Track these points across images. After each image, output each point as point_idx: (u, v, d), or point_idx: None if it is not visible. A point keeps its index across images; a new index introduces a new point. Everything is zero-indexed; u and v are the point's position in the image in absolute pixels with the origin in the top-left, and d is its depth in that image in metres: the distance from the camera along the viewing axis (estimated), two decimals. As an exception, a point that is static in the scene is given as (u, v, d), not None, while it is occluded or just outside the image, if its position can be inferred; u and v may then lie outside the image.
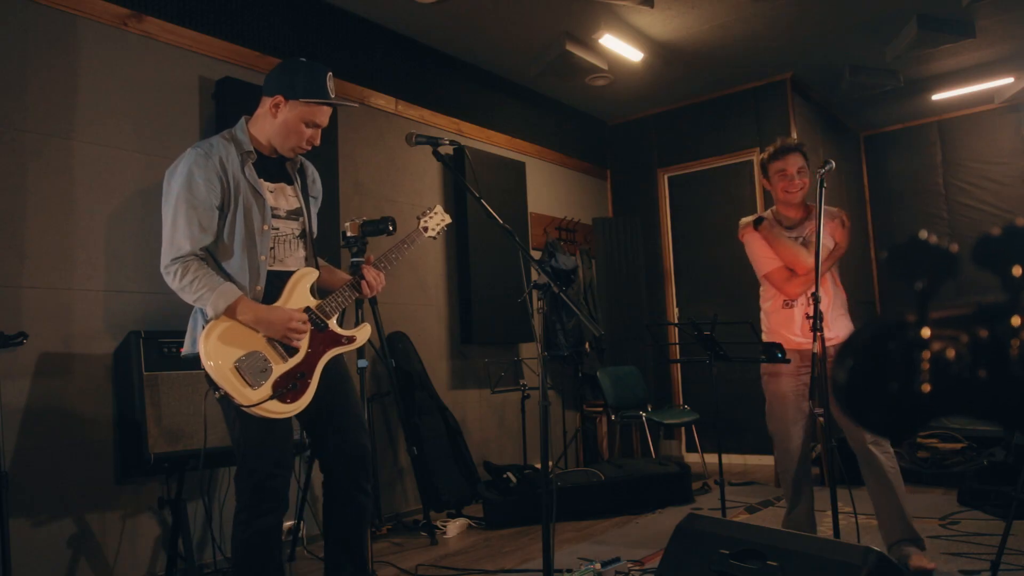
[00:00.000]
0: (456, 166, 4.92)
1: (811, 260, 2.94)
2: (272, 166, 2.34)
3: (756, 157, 6.14)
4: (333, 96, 2.30)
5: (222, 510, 3.46)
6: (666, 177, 6.67)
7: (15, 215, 3.00)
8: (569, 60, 5.03)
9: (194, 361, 2.17)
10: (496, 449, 5.22)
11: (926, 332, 0.33)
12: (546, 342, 5.60)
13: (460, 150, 4.85)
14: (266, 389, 2.13)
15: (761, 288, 3.33)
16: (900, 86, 5.88)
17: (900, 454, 4.40)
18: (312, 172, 2.51)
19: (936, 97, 6.38)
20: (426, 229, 2.64)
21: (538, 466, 4.59)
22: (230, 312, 2.13)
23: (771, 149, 3.14)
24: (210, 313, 2.12)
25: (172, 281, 2.14)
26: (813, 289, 2.95)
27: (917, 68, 5.86)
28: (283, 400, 2.15)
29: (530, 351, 5.46)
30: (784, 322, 3.16)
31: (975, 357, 0.33)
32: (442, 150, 2.53)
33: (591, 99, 6.29)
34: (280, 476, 2.19)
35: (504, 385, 4.93)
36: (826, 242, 2.96)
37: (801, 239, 3.08)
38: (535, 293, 5.38)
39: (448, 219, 2.70)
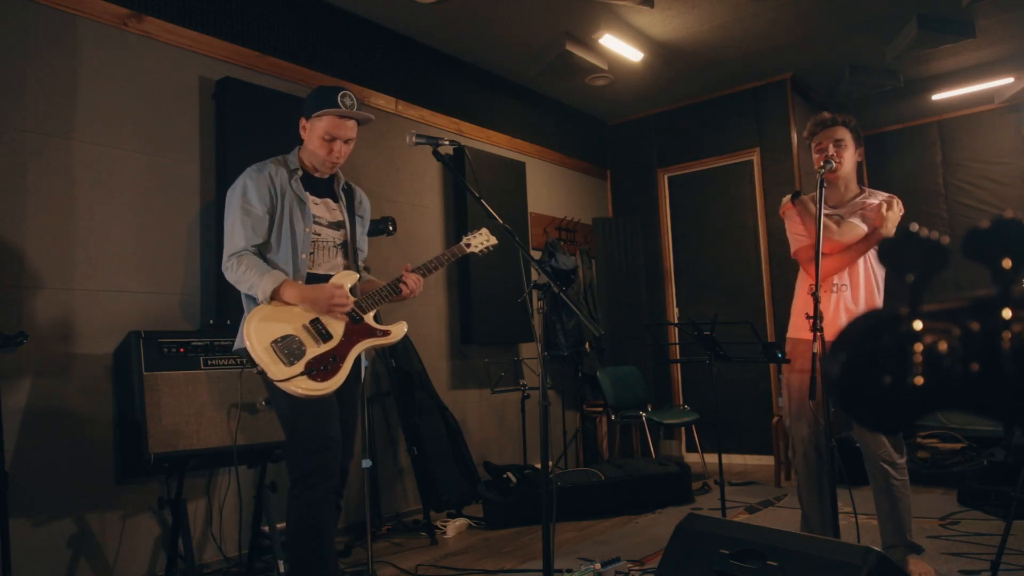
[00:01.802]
0: (456, 166, 4.92)
1: (840, 237, 2.79)
2: (319, 184, 2.59)
3: (756, 157, 6.15)
4: (345, 110, 2.47)
5: (222, 510, 3.46)
6: (666, 177, 6.67)
7: (15, 215, 3.00)
8: (569, 60, 5.03)
9: (243, 353, 2.36)
10: (496, 449, 5.22)
11: (918, 325, 0.33)
12: (546, 342, 5.60)
13: (460, 150, 4.86)
14: (298, 367, 2.31)
15: (798, 276, 3.10)
16: (900, 86, 5.88)
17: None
18: (360, 194, 2.74)
19: (936, 97, 6.38)
20: (468, 245, 2.78)
21: (538, 466, 4.59)
22: (277, 295, 2.35)
23: (809, 124, 3.00)
24: (260, 297, 2.35)
25: (230, 274, 2.40)
26: (841, 274, 2.85)
27: (917, 68, 5.87)
28: (313, 378, 2.31)
29: (530, 351, 5.46)
30: (807, 310, 2.83)
31: (967, 350, 0.33)
32: (442, 150, 2.59)
33: (591, 99, 6.29)
34: (325, 450, 2.34)
35: (504, 385, 4.94)
36: (859, 224, 2.81)
37: (838, 216, 2.89)
38: (535, 293, 5.38)
39: (494, 240, 2.83)
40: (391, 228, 3.89)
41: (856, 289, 2.88)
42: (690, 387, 6.40)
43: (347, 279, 2.53)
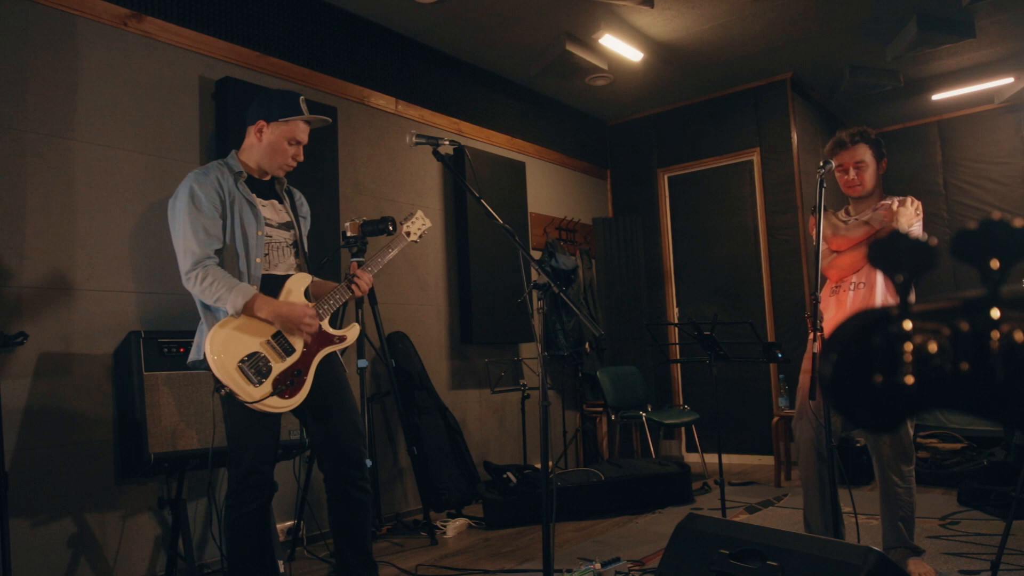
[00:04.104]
0: (456, 166, 4.92)
1: (848, 233, 2.85)
2: (262, 186, 2.59)
3: (756, 157, 6.15)
4: (306, 115, 2.54)
5: (222, 510, 3.46)
6: (666, 177, 6.67)
7: (15, 215, 3.00)
8: (569, 60, 5.03)
9: (200, 366, 2.37)
10: (496, 449, 5.22)
11: (908, 325, 0.34)
12: (546, 342, 5.59)
13: (460, 150, 4.84)
14: (267, 387, 2.32)
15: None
16: (900, 86, 5.88)
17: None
18: (299, 196, 2.73)
19: (936, 97, 6.38)
20: (408, 234, 2.84)
21: (538, 466, 4.59)
22: (248, 309, 2.33)
23: (829, 144, 3.01)
24: (230, 311, 2.32)
25: (194, 286, 2.35)
26: (859, 273, 2.88)
27: (917, 68, 5.86)
28: (282, 396, 2.35)
29: (530, 351, 5.46)
30: (828, 309, 2.95)
31: (957, 349, 0.33)
32: (442, 150, 2.61)
33: (591, 99, 6.29)
34: (260, 470, 2.40)
35: (504, 385, 4.94)
36: (865, 222, 2.87)
37: (853, 219, 2.95)
38: (535, 293, 5.37)
39: (429, 223, 2.93)
40: (391, 228, 3.89)
41: (873, 288, 2.89)
42: (690, 387, 6.40)
43: (301, 282, 2.54)
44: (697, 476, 5.00)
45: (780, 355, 4.17)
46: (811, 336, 2.78)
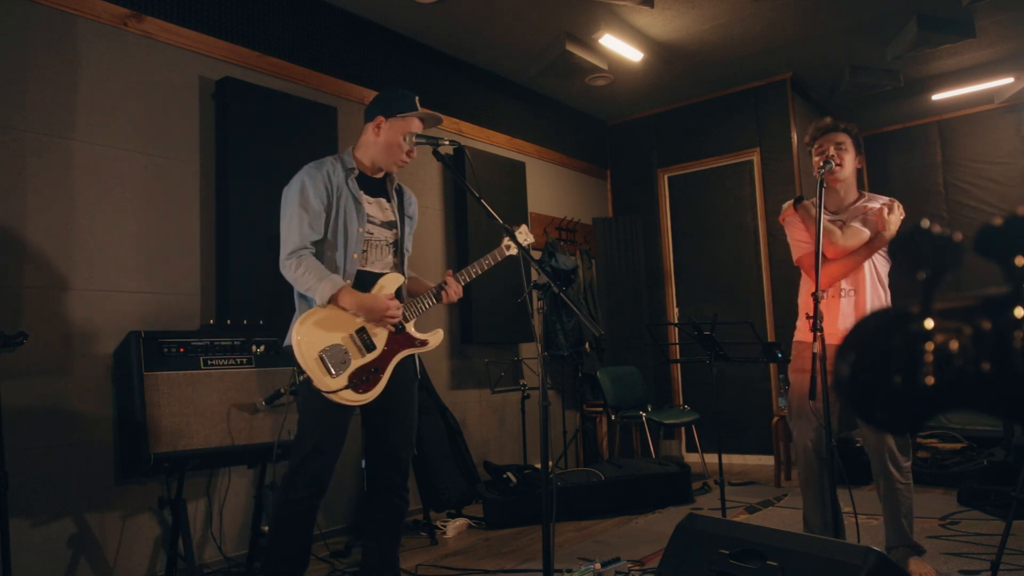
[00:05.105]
0: (456, 166, 4.91)
1: (844, 241, 2.82)
2: (373, 184, 2.66)
3: (756, 157, 6.15)
4: (421, 111, 2.64)
5: (222, 510, 3.46)
6: (666, 177, 6.67)
7: (15, 215, 3.00)
8: (569, 60, 5.03)
9: (289, 351, 2.43)
10: (496, 449, 5.21)
11: (929, 323, 0.33)
12: (546, 342, 5.59)
13: (460, 150, 4.84)
14: (343, 379, 2.40)
15: (801, 280, 3.11)
16: (900, 86, 5.88)
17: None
18: (409, 195, 2.81)
19: (936, 97, 6.38)
20: (508, 247, 2.85)
21: (538, 466, 4.58)
22: (334, 300, 2.42)
23: (811, 128, 3.01)
24: (317, 300, 2.41)
25: (288, 272, 2.45)
26: (847, 279, 2.87)
27: (917, 68, 5.86)
28: (356, 390, 2.42)
29: (530, 351, 5.46)
30: (809, 312, 2.81)
31: (978, 349, 0.33)
32: (442, 150, 2.62)
33: (591, 99, 6.29)
34: (318, 461, 2.42)
35: (504, 385, 4.93)
36: (862, 228, 2.84)
37: (840, 221, 2.90)
38: (535, 293, 5.37)
39: (532, 239, 2.94)
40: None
41: (862, 294, 2.88)
42: (690, 387, 6.40)
43: (394, 282, 2.60)
44: (697, 476, 5.00)
45: (780, 355, 4.17)
46: (810, 337, 2.75)
